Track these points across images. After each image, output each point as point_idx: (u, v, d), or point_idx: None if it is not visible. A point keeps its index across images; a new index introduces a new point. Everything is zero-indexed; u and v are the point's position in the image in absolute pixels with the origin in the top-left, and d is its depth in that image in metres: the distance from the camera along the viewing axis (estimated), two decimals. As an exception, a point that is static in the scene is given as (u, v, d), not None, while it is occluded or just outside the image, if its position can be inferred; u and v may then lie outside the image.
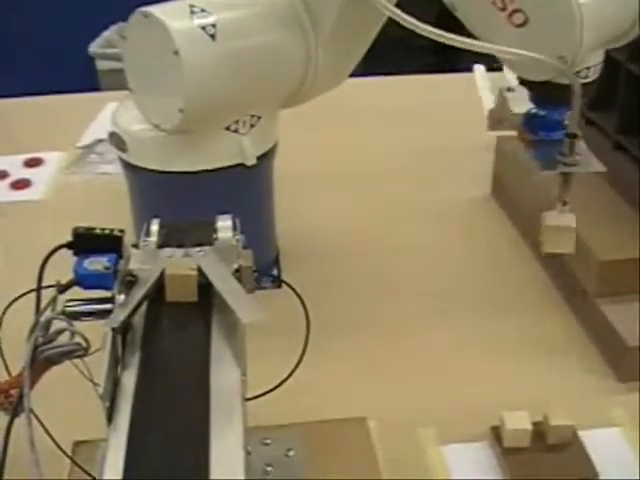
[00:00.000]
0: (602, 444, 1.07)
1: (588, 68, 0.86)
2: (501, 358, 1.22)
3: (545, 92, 0.86)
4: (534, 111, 0.92)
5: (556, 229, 0.94)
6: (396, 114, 1.97)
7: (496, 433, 1.05)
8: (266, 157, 1.29)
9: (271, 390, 0.89)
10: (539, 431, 1.04)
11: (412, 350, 1.24)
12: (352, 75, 1.30)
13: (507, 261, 1.44)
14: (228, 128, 1.21)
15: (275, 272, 1.40)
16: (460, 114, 1.88)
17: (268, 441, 1.02)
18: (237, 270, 0.81)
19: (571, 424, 1.04)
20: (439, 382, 1.18)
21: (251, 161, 1.23)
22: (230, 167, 1.23)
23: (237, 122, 1.21)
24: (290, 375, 0.89)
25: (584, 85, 0.85)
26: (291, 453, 1.00)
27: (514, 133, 1.00)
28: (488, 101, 1.94)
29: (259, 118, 1.23)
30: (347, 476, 0.98)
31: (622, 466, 1.05)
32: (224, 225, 0.85)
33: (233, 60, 1.13)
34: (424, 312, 1.31)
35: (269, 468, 0.98)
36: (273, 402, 1.09)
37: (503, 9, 0.81)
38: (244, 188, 1.26)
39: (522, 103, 0.92)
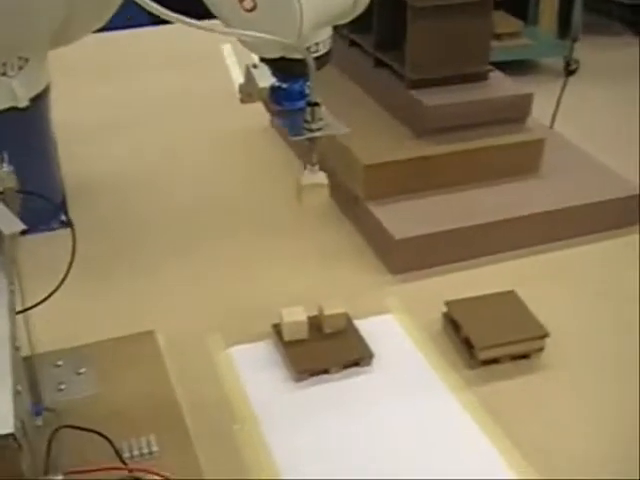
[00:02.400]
0: (377, 329, 1.17)
1: (317, 44, 0.94)
2: (283, 266, 1.30)
3: (282, 67, 0.93)
4: (277, 84, 0.99)
5: (311, 187, 1.03)
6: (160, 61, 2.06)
7: (277, 330, 1.13)
8: (39, 99, 1.31)
9: (40, 302, 0.91)
10: (316, 323, 1.12)
11: (198, 267, 1.32)
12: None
13: (286, 179, 1.52)
14: (-5, 72, 1.22)
15: (63, 216, 1.43)
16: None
17: (60, 363, 1.06)
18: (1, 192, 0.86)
19: (343, 312, 1.13)
20: (225, 293, 1.25)
21: (23, 103, 1.25)
22: (2, 111, 1.24)
23: (4, 65, 1.22)
24: (56, 289, 0.91)
25: (316, 59, 0.93)
26: (82, 370, 1.05)
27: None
28: (237, 76, 2.02)
29: (27, 60, 1.25)
30: (138, 388, 1.03)
31: (396, 345, 1.15)
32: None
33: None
34: (208, 233, 1.39)
35: (62, 386, 1.03)
36: (62, 326, 1.15)
37: None
38: (19, 131, 1.27)
39: (266, 78, 0.99)
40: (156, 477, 0.78)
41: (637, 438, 0.97)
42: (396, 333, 1.18)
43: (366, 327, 1.15)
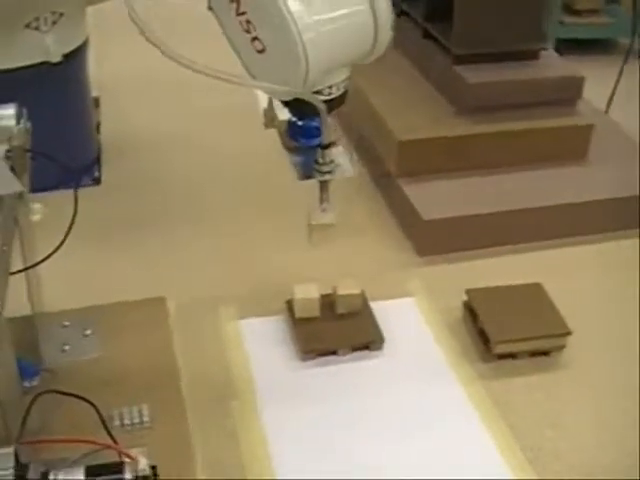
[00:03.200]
0: (395, 313, 1.14)
1: (330, 87, 0.91)
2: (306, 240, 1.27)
3: (295, 107, 0.91)
4: (293, 120, 0.96)
5: (320, 227, 1.01)
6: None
7: (290, 306, 1.11)
8: (74, 55, 1.30)
9: (42, 261, 0.90)
10: (329, 302, 1.09)
11: (218, 238, 1.29)
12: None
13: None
14: (28, 26, 1.21)
15: (96, 173, 1.42)
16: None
17: (67, 323, 1.06)
18: (9, 150, 0.85)
19: (359, 292, 1.10)
20: (244, 265, 1.23)
21: (55, 58, 1.24)
22: (34, 65, 1.24)
23: (37, 19, 1.21)
24: (55, 251, 0.90)
25: (330, 100, 0.89)
26: (88, 332, 1.04)
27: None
28: (262, 99, 1.99)
29: (61, 15, 1.23)
30: (141, 354, 1.02)
31: (412, 331, 1.12)
32: (5, 113, 0.89)
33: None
34: (231, 204, 1.37)
35: (66, 347, 1.02)
36: (75, 287, 1.15)
37: (247, 32, 0.84)
38: (52, 87, 1.26)
39: (285, 111, 0.97)
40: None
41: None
42: (414, 318, 1.14)
43: (384, 309, 1.12)
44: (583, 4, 2.67)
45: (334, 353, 1.06)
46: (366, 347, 1.07)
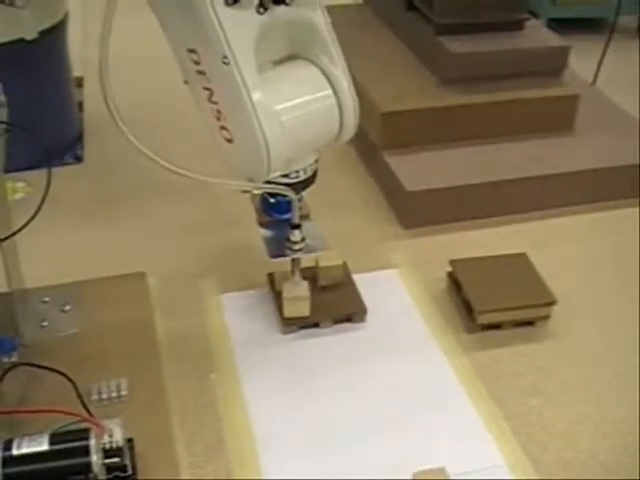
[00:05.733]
0: (379, 284, 1.13)
1: (297, 171, 0.91)
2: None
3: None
4: (266, 195, 0.98)
5: (293, 299, 1.03)
6: None
7: (271, 279, 1.09)
8: (52, 32, 1.28)
9: (11, 235, 0.89)
10: (311, 275, 1.08)
11: (199, 213, 1.28)
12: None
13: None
14: (2, 1, 1.19)
15: (78, 151, 1.41)
16: None
17: (46, 299, 1.05)
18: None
19: (340, 264, 1.09)
20: (226, 239, 1.22)
21: (31, 35, 1.23)
22: (10, 43, 1.22)
23: (13, -6, 1.20)
24: (24, 226, 0.88)
25: (298, 182, 0.92)
26: (67, 308, 1.03)
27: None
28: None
29: (37, -10, 1.22)
30: (121, 329, 1.01)
31: (395, 303, 1.11)
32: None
33: None
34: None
35: (45, 323, 1.01)
36: (57, 262, 1.13)
37: (218, 119, 0.85)
38: (30, 64, 1.24)
39: None
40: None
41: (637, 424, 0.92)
42: (398, 290, 1.13)
43: (367, 281, 1.11)
44: (575, -17, 2.63)
45: (316, 325, 1.05)
46: (348, 319, 1.06)
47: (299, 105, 0.86)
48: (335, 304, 1.07)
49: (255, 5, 0.79)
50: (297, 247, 0.99)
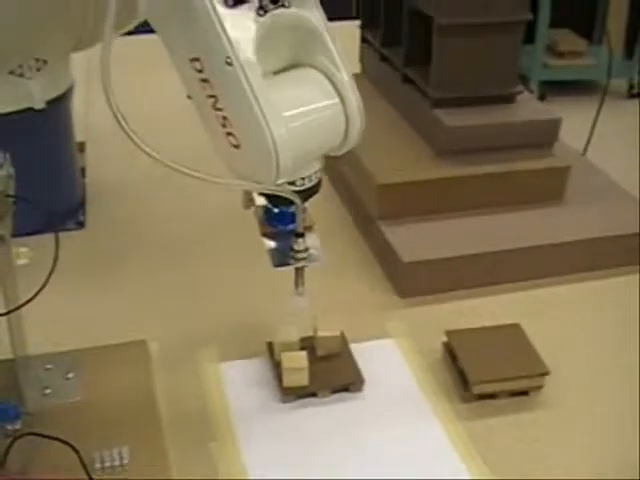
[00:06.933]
0: (375, 354, 1.15)
1: (303, 178, 0.91)
2: (287, 280, 1.28)
3: (271, 195, 0.92)
4: (269, 206, 0.98)
5: (292, 370, 1.05)
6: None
7: (270, 348, 1.11)
8: (59, 101, 1.31)
9: (21, 306, 0.91)
10: (309, 344, 1.10)
11: (199, 278, 1.31)
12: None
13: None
14: (12, 72, 1.23)
15: (81, 217, 1.43)
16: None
17: (49, 366, 1.07)
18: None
19: (338, 335, 1.11)
20: (224, 305, 1.24)
21: (40, 105, 1.26)
22: (18, 112, 1.25)
23: (21, 66, 1.23)
24: (35, 296, 0.90)
25: (303, 191, 0.92)
26: (70, 375, 1.05)
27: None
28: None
29: (45, 62, 1.25)
30: (122, 397, 1.03)
31: (392, 372, 1.13)
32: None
33: (9, 2, 1.14)
34: (212, 244, 1.40)
35: (48, 390, 1.03)
36: (59, 329, 1.15)
37: (223, 126, 0.86)
38: (36, 132, 1.28)
39: (261, 197, 0.98)
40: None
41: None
42: (394, 359, 1.15)
43: (364, 351, 1.13)
44: (567, 46, 2.69)
45: (314, 395, 1.07)
46: (346, 389, 1.08)
47: (307, 111, 0.87)
48: (333, 374, 1.09)
49: (255, 8, 0.81)
50: (301, 256, 0.99)
